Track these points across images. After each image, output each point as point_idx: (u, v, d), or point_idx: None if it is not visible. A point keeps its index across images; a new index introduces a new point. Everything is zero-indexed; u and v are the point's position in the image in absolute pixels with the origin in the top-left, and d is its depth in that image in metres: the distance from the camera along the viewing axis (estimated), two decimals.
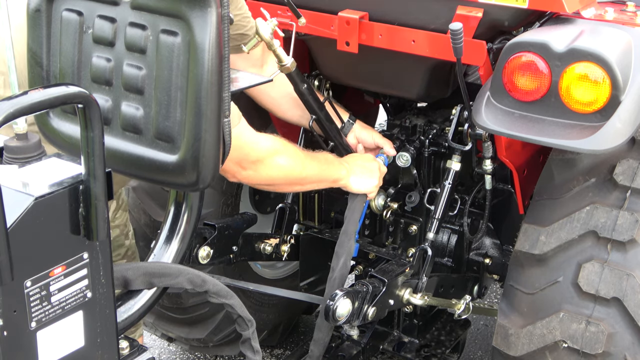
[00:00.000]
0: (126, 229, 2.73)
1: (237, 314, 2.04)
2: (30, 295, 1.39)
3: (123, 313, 1.86)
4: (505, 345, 2.46)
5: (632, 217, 2.31)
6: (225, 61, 1.65)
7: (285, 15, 2.58)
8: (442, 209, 2.78)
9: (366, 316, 2.52)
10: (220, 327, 3.24)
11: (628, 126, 2.19)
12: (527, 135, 2.25)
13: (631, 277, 2.27)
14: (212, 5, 1.59)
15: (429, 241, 2.75)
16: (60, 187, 1.41)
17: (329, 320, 2.42)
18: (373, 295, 2.52)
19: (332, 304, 2.39)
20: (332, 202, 3.27)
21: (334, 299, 2.40)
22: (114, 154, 1.72)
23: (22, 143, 1.50)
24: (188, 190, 1.99)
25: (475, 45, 2.41)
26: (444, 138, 2.91)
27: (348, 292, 2.44)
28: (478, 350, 3.82)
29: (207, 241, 2.49)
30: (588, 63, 2.16)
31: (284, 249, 2.91)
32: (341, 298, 2.41)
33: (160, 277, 1.86)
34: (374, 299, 2.52)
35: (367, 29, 2.57)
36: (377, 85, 2.98)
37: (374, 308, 2.53)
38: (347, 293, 2.43)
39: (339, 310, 2.41)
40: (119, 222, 2.67)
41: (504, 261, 2.95)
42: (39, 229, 1.38)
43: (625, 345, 2.27)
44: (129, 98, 1.72)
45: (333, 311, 2.39)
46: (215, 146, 1.69)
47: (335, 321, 2.42)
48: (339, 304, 2.40)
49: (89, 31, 1.75)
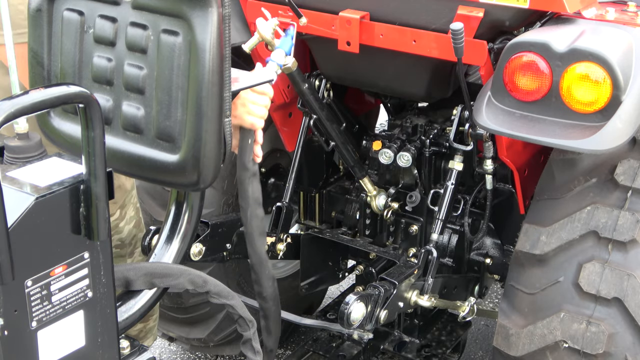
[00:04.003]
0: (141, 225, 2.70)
1: (238, 314, 2.04)
2: (31, 294, 1.39)
3: (124, 313, 1.86)
4: (506, 345, 2.46)
5: (633, 217, 2.31)
6: (226, 61, 1.65)
7: (286, 15, 2.58)
8: (445, 209, 2.78)
9: (378, 319, 2.51)
10: (221, 327, 3.24)
11: (629, 126, 2.19)
12: (528, 135, 2.25)
13: (632, 277, 2.27)
14: (213, 5, 1.59)
15: (433, 242, 2.75)
16: (61, 187, 1.41)
17: (343, 325, 2.40)
18: (385, 299, 2.51)
19: (347, 308, 2.37)
20: (332, 202, 3.27)
21: (348, 304, 2.38)
22: (114, 153, 1.72)
23: (23, 143, 1.50)
24: (189, 190, 1.99)
25: (476, 45, 2.41)
26: (445, 138, 2.91)
27: (361, 296, 2.42)
28: (479, 350, 3.82)
29: (199, 238, 2.49)
30: (589, 63, 2.16)
31: (280, 247, 2.91)
32: (355, 302, 2.39)
33: (162, 277, 1.86)
34: (386, 302, 2.51)
35: (368, 29, 2.57)
36: (378, 85, 2.98)
37: (386, 311, 2.51)
38: (361, 297, 2.42)
39: (353, 314, 2.39)
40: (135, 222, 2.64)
41: (505, 261, 2.95)
42: (40, 229, 1.38)
43: (626, 345, 2.27)
44: (130, 98, 1.72)
45: (347, 315, 2.38)
46: (216, 146, 1.69)
47: (349, 325, 2.41)
48: (353, 308, 2.39)
49: (90, 31, 1.75)
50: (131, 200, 2.56)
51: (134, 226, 2.57)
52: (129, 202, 2.53)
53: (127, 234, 2.54)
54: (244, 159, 2.08)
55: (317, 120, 2.90)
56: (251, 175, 2.11)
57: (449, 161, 2.81)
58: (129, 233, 2.55)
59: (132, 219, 2.57)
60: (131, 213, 2.56)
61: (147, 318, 2.74)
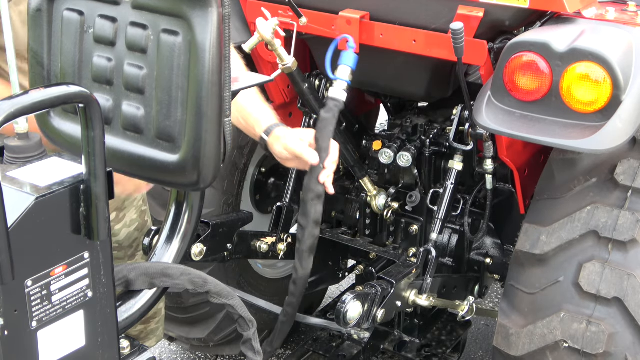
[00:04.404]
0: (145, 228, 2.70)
1: (238, 314, 2.04)
2: (31, 294, 1.39)
3: (124, 312, 1.86)
4: (506, 345, 2.46)
5: (633, 217, 2.31)
6: (226, 61, 1.65)
7: (286, 15, 2.58)
8: (445, 209, 2.78)
9: (375, 318, 2.51)
10: (221, 326, 3.24)
11: (629, 126, 2.19)
12: (528, 135, 2.25)
13: (632, 277, 2.27)
14: (213, 4, 1.59)
15: (433, 242, 2.75)
16: (61, 187, 1.41)
17: (340, 323, 2.41)
18: (382, 298, 2.51)
19: (343, 307, 2.38)
20: (332, 202, 3.27)
21: (345, 302, 2.38)
22: (114, 153, 1.72)
23: (23, 143, 1.50)
24: (189, 190, 1.99)
25: (476, 45, 2.41)
26: (445, 138, 2.91)
27: (358, 295, 2.43)
28: (479, 350, 3.82)
29: (200, 238, 2.49)
30: (589, 63, 2.16)
31: (281, 247, 2.91)
32: (351, 301, 2.39)
33: (162, 277, 1.86)
34: (383, 301, 2.51)
35: (368, 29, 2.57)
36: (378, 85, 2.98)
37: (383, 310, 2.52)
38: (357, 296, 2.42)
39: (349, 313, 2.40)
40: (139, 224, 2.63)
41: (505, 261, 2.95)
42: (40, 229, 1.38)
43: (626, 345, 2.27)
44: (130, 98, 1.72)
45: (344, 314, 2.38)
46: (216, 146, 1.69)
47: (346, 324, 2.41)
48: (350, 307, 2.39)
49: (89, 31, 1.75)
50: (133, 204, 2.55)
51: (135, 229, 2.57)
52: (130, 205, 2.53)
53: (126, 236, 2.54)
54: (309, 181, 2.25)
55: (317, 120, 2.89)
56: (315, 196, 2.28)
57: (449, 161, 2.81)
58: (127, 236, 2.55)
59: (134, 222, 2.56)
60: (133, 216, 2.55)
61: (147, 320, 2.73)
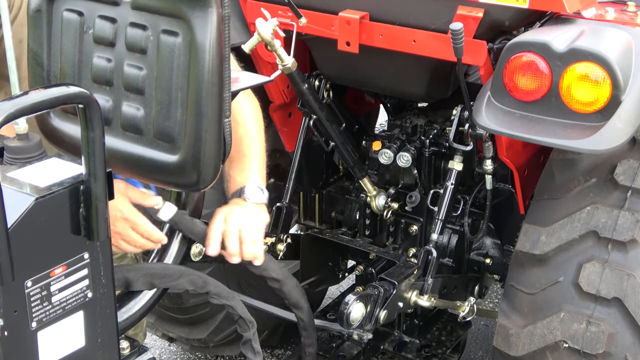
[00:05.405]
0: None
1: (238, 315, 2.04)
2: (31, 295, 1.39)
3: (124, 313, 1.87)
4: (506, 345, 2.46)
5: (633, 217, 2.31)
6: (226, 61, 1.65)
7: (286, 15, 2.58)
8: (445, 209, 2.78)
9: (378, 319, 2.51)
10: (221, 327, 3.23)
11: (629, 126, 2.19)
12: (528, 135, 2.25)
13: (632, 277, 2.27)
14: (213, 5, 1.59)
15: (433, 242, 2.75)
16: (60, 187, 1.41)
17: (343, 325, 2.41)
18: (384, 299, 2.51)
19: (346, 308, 2.38)
20: (332, 202, 3.27)
21: (348, 304, 2.38)
22: (114, 154, 1.72)
23: (23, 143, 1.50)
24: (189, 191, 1.99)
25: (475, 45, 2.41)
26: (445, 138, 2.91)
27: (361, 296, 2.43)
28: (479, 351, 3.82)
29: None
30: (589, 63, 2.16)
31: (280, 248, 2.91)
32: (354, 302, 2.39)
33: (162, 278, 1.86)
34: (385, 302, 2.51)
35: (368, 29, 2.57)
36: (378, 85, 2.98)
37: (385, 311, 2.52)
38: (360, 297, 2.42)
39: (352, 314, 2.40)
40: None
41: (505, 261, 2.95)
42: (40, 229, 1.39)
43: (626, 345, 2.27)
44: (130, 98, 1.72)
45: (347, 316, 2.38)
46: (216, 146, 1.69)
47: (349, 325, 2.41)
48: (353, 308, 2.39)
49: (89, 31, 1.75)
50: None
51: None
52: None
53: None
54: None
55: (316, 121, 2.90)
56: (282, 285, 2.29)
57: (449, 161, 2.81)
58: None
59: None
60: None
61: None
